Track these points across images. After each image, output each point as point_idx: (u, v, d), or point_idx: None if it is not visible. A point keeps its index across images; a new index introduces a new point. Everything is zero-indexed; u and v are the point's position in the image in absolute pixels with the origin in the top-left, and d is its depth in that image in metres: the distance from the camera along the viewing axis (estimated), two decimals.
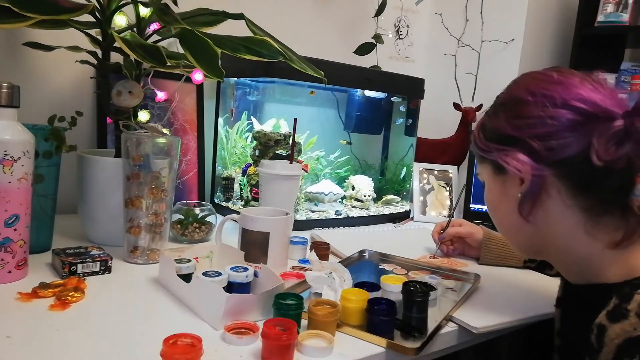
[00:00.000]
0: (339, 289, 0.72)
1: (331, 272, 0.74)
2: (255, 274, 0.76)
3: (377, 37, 1.63)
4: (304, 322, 0.66)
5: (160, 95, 1.12)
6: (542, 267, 0.99)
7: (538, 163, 0.62)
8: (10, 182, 0.72)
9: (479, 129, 0.71)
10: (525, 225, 0.66)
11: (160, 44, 0.96)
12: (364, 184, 1.41)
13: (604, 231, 0.62)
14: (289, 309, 0.64)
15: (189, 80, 1.07)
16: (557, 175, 0.62)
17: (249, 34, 0.93)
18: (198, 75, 1.07)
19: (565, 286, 0.73)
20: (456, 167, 1.55)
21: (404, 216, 1.43)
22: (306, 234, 1.07)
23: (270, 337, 0.57)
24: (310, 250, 0.96)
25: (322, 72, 0.98)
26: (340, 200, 1.36)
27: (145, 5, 0.95)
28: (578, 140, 0.59)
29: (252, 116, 1.31)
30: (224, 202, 1.31)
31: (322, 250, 0.96)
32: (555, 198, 0.63)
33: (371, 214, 1.36)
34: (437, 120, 1.74)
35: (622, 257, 0.62)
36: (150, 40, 0.99)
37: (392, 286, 0.82)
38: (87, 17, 0.88)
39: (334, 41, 1.64)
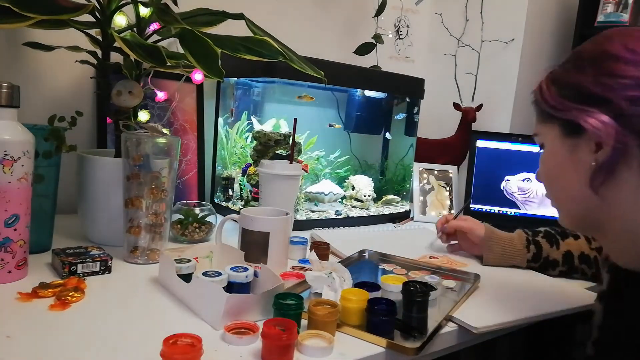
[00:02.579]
0: (339, 289, 0.72)
1: (331, 272, 0.74)
2: (255, 274, 0.76)
3: (377, 37, 1.63)
4: (304, 322, 0.66)
5: (160, 95, 1.12)
6: (545, 267, 0.99)
7: (625, 128, 0.55)
8: (10, 182, 0.72)
9: (549, 83, 0.63)
10: (591, 198, 0.60)
11: (160, 44, 0.96)
12: (364, 184, 1.41)
13: None
14: (289, 309, 0.64)
15: (189, 80, 1.07)
16: None
17: (249, 34, 0.93)
18: (198, 75, 1.07)
19: (613, 278, 0.67)
20: (456, 167, 1.55)
21: (404, 216, 1.43)
22: (306, 234, 1.07)
23: (270, 337, 0.57)
24: (311, 250, 0.96)
25: (322, 72, 0.98)
26: (340, 200, 1.36)
27: (145, 5, 0.95)
28: None
29: (252, 116, 1.31)
30: (224, 202, 1.31)
31: (322, 250, 0.96)
32: (634, 172, 0.56)
33: (371, 214, 1.36)
34: (437, 120, 1.74)
35: None
36: (150, 40, 0.99)
37: (392, 286, 0.82)
38: (87, 17, 0.88)
39: (334, 41, 1.64)
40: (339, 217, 1.28)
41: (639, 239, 0.60)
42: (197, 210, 1.04)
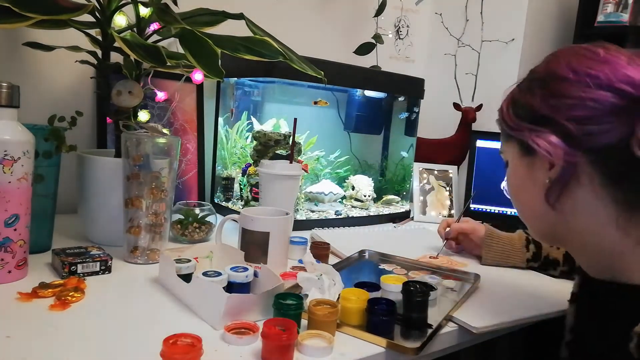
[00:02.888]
0: (327, 291, 0.72)
1: (321, 275, 0.74)
2: (255, 274, 0.76)
3: (377, 37, 1.63)
4: (304, 322, 0.66)
5: (160, 95, 1.12)
6: (546, 267, 0.98)
7: (572, 148, 0.57)
8: (10, 182, 0.72)
9: (508, 104, 0.65)
10: (549, 212, 0.62)
11: (160, 44, 0.96)
12: (364, 184, 1.41)
13: (637, 227, 0.57)
14: (289, 309, 0.64)
15: (189, 80, 1.07)
16: (592, 162, 0.57)
17: (249, 34, 0.93)
18: (198, 75, 1.07)
19: (583, 282, 0.68)
20: (456, 167, 1.55)
21: (404, 216, 1.43)
22: (306, 234, 1.07)
23: (270, 337, 0.57)
24: (311, 250, 0.96)
25: (322, 72, 0.98)
26: (340, 200, 1.36)
27: (145, 5, 0.95)
28: (620, 127, 0.54)
29: (252, 116, 1.31)
30: (224, 202, 1.31)
31: (322, 250, 0.96)
32: (586, 187, 0.58)
33: (371, 214, 1.36)
34: (437, 120, 1.74)
35: None
36: (150, 40, 0.98)
37: (392, 286, 0.82)
38: (87, 17, 0.88)
39: (334, 41, 1.64)
40: (339, 217, 1.28)
41: (602, 254, 0.61)
42: (197, 210, 1.04)
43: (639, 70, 0.55)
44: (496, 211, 1.45)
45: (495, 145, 1.46)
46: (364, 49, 1.62)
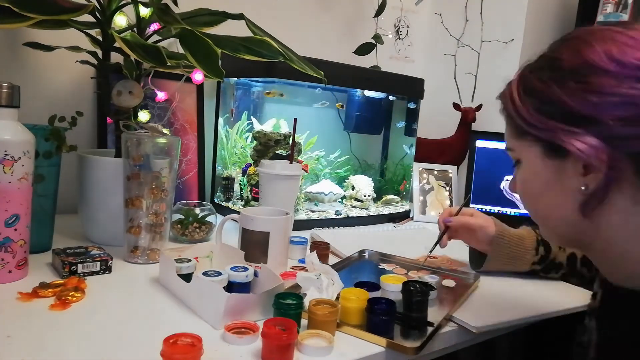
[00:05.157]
0: (325, 290, 0.72)
1: (320, 274, 0.74)
2: (255, 274, 0.76)
3: (377, 37, 1.63)
4: (303, 321, 0.66)
5: (161, 96, 1.12)
6: (548, 270, 0.94)
7: (617, 151, 0.50)
8: (10, 182, 0.72)
9: (523, 94, 0.57)
10: (581, 221, 0.55)
11: (161, 44, 0.96)
12: (363, 184, 1.41)
13: None
14: (289, 308, 0.64)
15: (189, 80, 1.07)
16: (637, 169, 0.51)
17: (249, 34, 0.93)
18: (198, 76, 1.07)
19: (606, 294, 0.63)
20: (456, 167, 1.55)
21: (404, 216, 1.43)
22: (306, 234, 1.07)
23: (270, 337, 0.57)
24: (311, 250, 0.96)
25: (322, 72, 0.98)
26: (340, 200, 1.36)
27: (145, 5, 0.95)
28: None
29: (252, 116, 1.31)
30: (224, 202, 1.31)
31: (322, 250, 0.96)
32: (626, 196, 0.52)
33: (371, 214, 1.36)
34: (437, 120, 1.74)
35: None
36: (150, 41, 0.99)
37: (392, 286, 0.82)
38: (87, 17, 0.88)
39: (334, 41, 1.64)
40: (339, 217, 1.28)
41: (628, 259, 0.56)
42: (197, 210, 1.04)
43: None
44: (496, 211, 1.45)
45: (495, 145, 1.46)
46: (364, 49, 1.62)
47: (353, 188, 1.41)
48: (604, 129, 0.50)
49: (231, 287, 0.72)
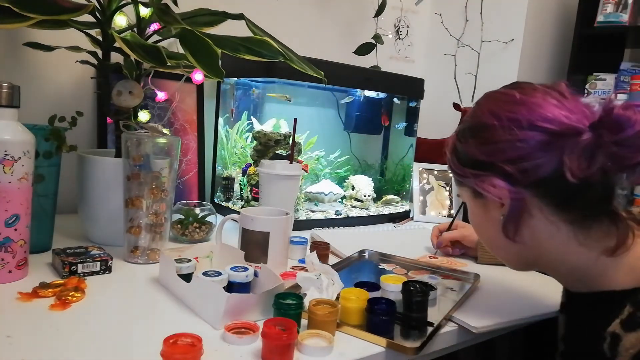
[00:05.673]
0: (324, 290, 0.72)
1: (320, 274, 0.74)
2: (255, 274, 0.76)
3: (377, 37, 1.63)
4: (303, 321, 0.66)
5: (161, 96, 1.12)
6: None
7: (515, 186, 0.61)
8: (10, 182, 0.72)
9: (451, 152, 0.70)
10: (512, 245, 0.65)
11: (161, 44, 0.96)
12: (363, 184, 1.41)
13: (596, 239, 0.61)
14: (289, 308, 0.64)
15: (189, 80, 1.07)
16: (536, 195, 0.61)
17: (249, 34, 0.93)
18: (198, 76, 1.07)
19: (568, 292, 0.71)
20: None
21: (404, 216, 1.43)
22: (306, 234, 1.07)
23: (270, 337, 0.57)
24: (311, 250, 0.96)
25: (322, 72, 0.98)
26: (340, 200, 1.36)
27: (145, 5, 0.95)
28: (550, 159, 0.58)
29: (252, 116, 1.31)
30: (224, 202, 1.31)
31: (322, 250, 0.96)
32: (538, 216, 0.62)
33: (371, 214, 1.36)
34: (437, 120, 1.74)
35: (627, 263, 0.60)
36: (150, 41, 0.99)
37: (392, 286, 0.82)
38: (87, 17, 0.88)
39: (334, 41, 1.64)
40: (339, 217, 1.28)
41: (572, 270, 0.64)
42: (197, 210, 1.04)
43: (553, 106, 0.60)
44: None
45: None
46: (364, 49, 1.62)
47: (353, 188, 1.41)
48: (500, 170, 0.61)
49: (231, 287, 0.72)
